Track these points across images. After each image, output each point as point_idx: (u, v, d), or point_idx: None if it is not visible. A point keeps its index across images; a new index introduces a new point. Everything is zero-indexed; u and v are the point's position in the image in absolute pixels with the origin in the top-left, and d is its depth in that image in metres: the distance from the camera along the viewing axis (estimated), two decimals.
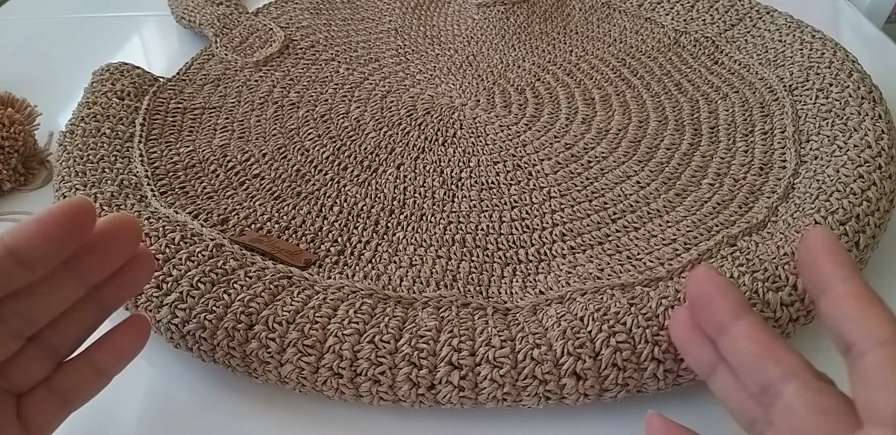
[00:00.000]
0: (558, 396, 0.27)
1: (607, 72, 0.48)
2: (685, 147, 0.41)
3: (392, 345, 0.27)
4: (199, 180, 0.39)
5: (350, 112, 0.45)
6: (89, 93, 0.43)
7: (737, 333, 0.22)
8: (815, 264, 0.23)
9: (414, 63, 0.50)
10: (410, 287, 0.32)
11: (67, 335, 0.25)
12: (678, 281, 0.30)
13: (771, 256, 0.30)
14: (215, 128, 0.43)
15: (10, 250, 0.21)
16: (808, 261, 0.23)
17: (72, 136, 0.39)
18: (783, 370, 0.21)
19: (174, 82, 0.46)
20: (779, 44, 0.46)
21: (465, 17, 0.56)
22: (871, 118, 0.37)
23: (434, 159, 0.41)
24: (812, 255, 0.23)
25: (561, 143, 0.41)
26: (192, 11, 0.54)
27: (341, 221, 0.36)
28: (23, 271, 0.21)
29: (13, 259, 0.21)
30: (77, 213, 0.22)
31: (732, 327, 0.23)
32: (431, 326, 0.28)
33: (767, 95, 0.43)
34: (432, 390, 0.27)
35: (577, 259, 0.34)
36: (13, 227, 0.21)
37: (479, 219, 0.36)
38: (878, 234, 0.32)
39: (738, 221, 0.35)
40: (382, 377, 0.27)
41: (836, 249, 0.22)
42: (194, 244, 0.32)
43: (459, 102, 0.46)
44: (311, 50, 0.51)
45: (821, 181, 0.34)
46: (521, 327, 0.28)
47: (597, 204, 0.37)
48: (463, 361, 0.26)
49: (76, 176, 0.36)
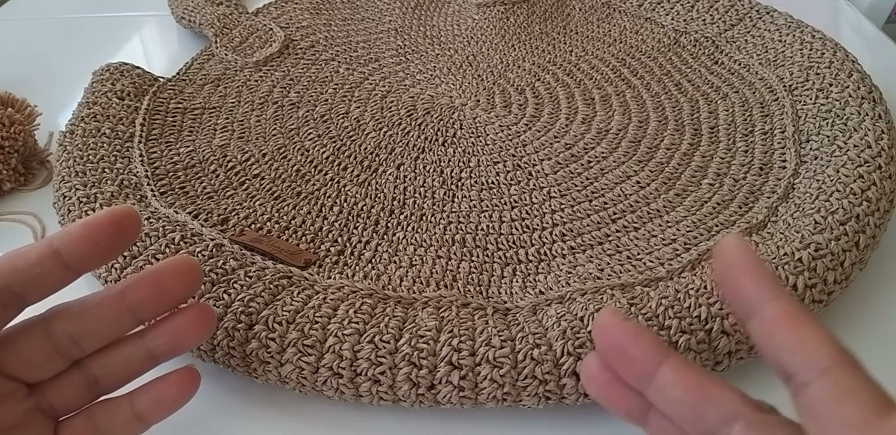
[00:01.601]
0: (558, 397, 0.27)
1: (607, 72, 0.48)
2: (685, 147, 0.41)
3: (392, 345, 0.27)
4: (199, 180, 0.39)
5: (350, 112, 0.45)
6: (89, 93, 0.43)
7: (663, 383, 0.20)
8: (736, 284, 0.20)
9: (414, 63, 0.50)
10: (410, 287, 0.32)
11: (112, 370, 0.25)
12: (678, 281, 0.30)
13: (771, 256, 0.30)
14: (215, 128, 0.43)
15: (56, 251, 0.22)
16: (727, 280, 0.20)
17: (72, 136, 0.39)
18: (722, 413, 0.19)
19: (174, 82, 0.46)
20: (779, 44, 0.46)
21: (465, 17, 0.56)
22: (871, 118, 0.37)
23: (434, 159, 0.41)
24: (730, 272, 0.20)
25: (561, 143, 0.41)
26: (192, 11, 0.54)
27: (341, 221, 0.36)
28: (67, 273, 0.22)
29: (58, 260, 0.22)
30: (122, 220, 0.23)
31: (656, 376, 0.20)
32: (431, 326, 0.28)
33: (767, 95, 0.43)
34: (432, 390, 0.27)
35: (577, 259, 0.34)
36: (63, 229, 0.22)
37: (479, 219, 0.36)
38: (878, 234, 0.32)
39: (738, 221, 0.35)
40: (382, 377, 0.27)
41: (754, 264, 0.20)
42: (194, 244, 0.32)
43: (459, 102, 0.46)
44: (311, 50, 0.51)
45: (821, 181, 0.34)
46: (521, 327, 0.28)
47: (597, 204, 0.37)
48: (463, 361, 0.26)
49: (76, 176, 0.36)
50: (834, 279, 0.30)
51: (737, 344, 0.27)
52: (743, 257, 0.20)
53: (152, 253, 0.31)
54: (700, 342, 0.27)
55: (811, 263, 0.29)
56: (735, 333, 0.27)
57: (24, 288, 0.22)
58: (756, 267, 0.20)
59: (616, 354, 0.21)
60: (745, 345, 0.28)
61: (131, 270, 0.31)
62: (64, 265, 0.22)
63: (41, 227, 0.38)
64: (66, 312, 0.24)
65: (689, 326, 0.27)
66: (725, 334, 0.27)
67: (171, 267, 0.24)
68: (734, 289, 0.20)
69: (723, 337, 0.27)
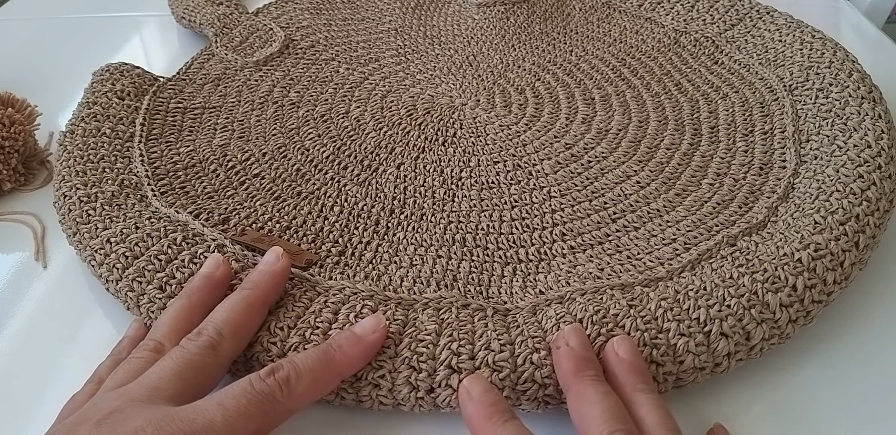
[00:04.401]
0: (557, 401, 0.27)
1: (607, 72, 0.48)
2: (685, 147, 0.41)
3: (392, 349, 0.27)
4: (200, 180, 0.39)
5: (350, 112, 0.45)
6: (89, 93, 0.43)
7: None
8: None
9: (414, 63, 0.50)
10: (411, 287, 0.32)
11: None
12: (678, 281, 0.30)
13: (770, 257, 0.30)
14: (215, 127, 0.43)
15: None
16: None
17: (72, 136, 0.39)
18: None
19: (174, 82, 0.46)
20: (779, 44, 0.46)
21: (465, 17, 0.56)
22: (871, 118, 0.37)
23: (434, 159, 0.41)
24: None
25: (561, 143, 0.41)
26: (192, 11, 0.54)
27: (342, 221, 0.36)
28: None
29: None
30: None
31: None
32: (431, 329, 0.28)
33: (767, 95, 0.43)
34: (431, 394, 0.27)
35: (577, 259, 0.34)
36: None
37: (480, 218, 0.36)
38: (878, 234, 0.32)
39: (738, 221, 0.35)
40: (382, 381, 0.27)
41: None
42: (196, 245, 0.32)
43: (459, 102, 0.46)
44: (311, 50, 0.51)
45: (821, 181, 0.34)
46: (521, 330, 0.28)
47: (597, 204, 0.37)
48: (462, 364, 0.26)
49: (76, 176, 0.36)
50: (834, 279, 0.30)
51: (736, 345, 0.27)
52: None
53: (154, 254, 0.31)
54: (699, 345, 0.27)
55: (811, 263, 0.29)
56: (734, 334, 0.27)
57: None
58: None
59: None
60: (745, 346, 0.28)
61: (133, 271, 0.31)
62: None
63: (41, 227, 0.38)
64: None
65: (687, 329, 0.27)
66: (724, 336, 0.27)
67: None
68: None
69: (721, 339, 0.27)
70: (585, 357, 0.26)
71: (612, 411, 0.24)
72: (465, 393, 0.26)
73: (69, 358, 0.31)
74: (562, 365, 0.26)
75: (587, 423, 0.24)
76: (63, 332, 0.33)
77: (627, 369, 0.26)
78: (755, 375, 0.29)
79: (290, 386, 0.25)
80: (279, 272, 0.30)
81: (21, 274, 0.36)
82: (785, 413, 0.28)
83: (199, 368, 0.25)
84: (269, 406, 0.24)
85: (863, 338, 0.31)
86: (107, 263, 0.32)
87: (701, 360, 0.27)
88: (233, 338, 0.27)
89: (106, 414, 0.23)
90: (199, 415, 0.23)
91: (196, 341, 0.26)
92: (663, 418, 0.24)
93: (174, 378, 0.25)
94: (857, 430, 0.28)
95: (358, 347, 0.27)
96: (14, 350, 0.32)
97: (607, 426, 0.23)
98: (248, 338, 0.28)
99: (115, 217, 0.34)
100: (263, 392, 0.24)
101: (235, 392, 0.24)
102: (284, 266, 0.30)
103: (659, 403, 0.25)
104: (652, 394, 0.25)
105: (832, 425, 0.28)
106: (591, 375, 0.25)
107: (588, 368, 0.26)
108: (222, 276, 0.30)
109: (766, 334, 0.28)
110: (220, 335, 0.26)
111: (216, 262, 0.30)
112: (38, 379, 0.31)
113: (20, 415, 0.29)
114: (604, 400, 0.24)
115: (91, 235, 0.33)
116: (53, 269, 0.36)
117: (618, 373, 0.26)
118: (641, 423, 0.24)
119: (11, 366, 0.31)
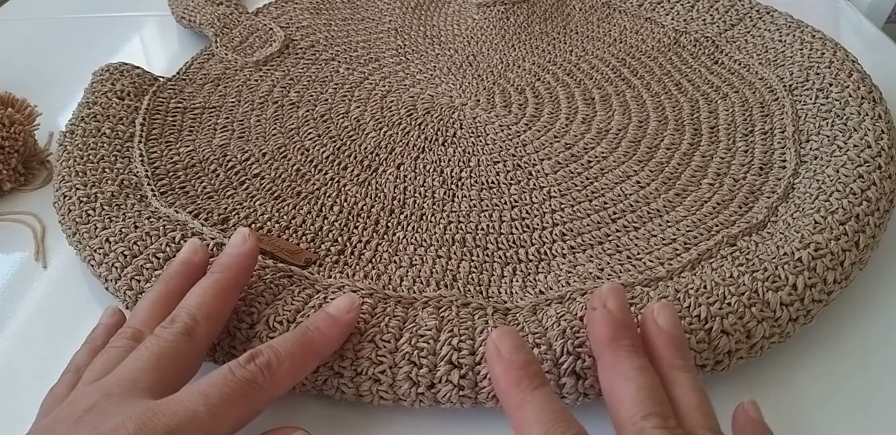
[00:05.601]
0: (558, 396, 0.27)
1: (607, 72, 0.48)
2: (685, 147, 0.41)
3: (392, 344, 0.27)
4: (199, 180, 0.39)
5: (350, 112, 0.45)
6: (89, 93, 0.43)
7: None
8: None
9: (414, 63, 0.50)
10: (410, 287, 0.32)
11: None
12: (678, 281, 0.30)
13: (771, 256, 0.30)
14: (215, 127, 0.43)
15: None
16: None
17: (72, 136, 0.39)
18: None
19: (174, 82, 0.46)
20: (779, 44, 0.46)
21: (465, 17, 0.56)
22: (871, 118, 0.37)
23: (434, 159, 0.41)
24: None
25: (561, 143, 0.41)
26: (192, 11, 0.54)
27: (341, 221, 0.36)
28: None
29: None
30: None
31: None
32: (431, 325, 0.28)
33: (767, 95, 0.44)
34: (432, 389, 0.27)
35: (577, 259, 0.34)
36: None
37: (479, 218, 0.36)
38: (878, 234, 0.32)
39: (737, 221, 0.35)
40: (382, 376, 0.27)
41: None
42: None
43: (459, 102, 0.46)
44: (311, 50, 0.51)
45: (821, 181, 0.34)
46: (521, 327, 0.28)
47: (597, 204, 0.37)
48: (463, 359, 0.27)
49: (76, 176, 0.36)
50: (834, 279, 0.30)
51: (737, 343, 0.28)
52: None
53: (152, 252, 0.31)
54: (700, 342, 0.27)
55: (811, 262, 0.30)
56: (735, 332, 0.27)
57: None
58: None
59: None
60: (745, 344, 0.28)
61: (131, 270, 0.31)
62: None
63: (41, 227, 0.38)
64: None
65: (689, 326, 0.27)
66: (725, 334, 0.27)
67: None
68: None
69: (723, 336, 0.27)
70: (623, 323, 0.24)
71: (648, 391, 0.22)
72: (493, 349, 0.24)
73: (69, 358, 0.31)
74: (596, 329, 0.24)
75: (619, 401, 0.22)
76: (63, 332, 0.33)
77: (666, 342, 0.24)
78: (755, 374, 0.29)
79: (272, 370, 0.24)
80: (247, 253, 0.29)
81: (21, 274, 0.36)
82: (785, 413, 0.28)
83: (176, 356, 0.25)
84: (251, 392, 0.23)
85: (863, 337, 0.31)
86: (106, 262, 0.32)
87: (702, 357, 0.27)
88: (207, 323, 0.26)
89: (84, 410, 0.23)
90: (180, 407, 0.22)
91: (170, 329, 0.25)
92: (701, 402, 0.23)
93: (151, 369, 0.24)
94: (857, 429, 0.28)
95: (336, 328, 0.26)
96: (14, 350, 0.32)
97: (642, 408, 0.21)
98: (223, 322, 0.28)
99: (115, 217, 0.34)
100: (245, 379, 0.24)
101: (216, 380, 0.23)
102: (252, 247, 0.29)
103: (696, 384, 0.23)
104: (690, 372, 0.24)
105: (832, 425, 0.28)
106: (628, 345, 0.24)
107: (624, 337, 0.24)
108: (200, 261, 0.29)
109: (767, 333, 0.28)
110: (194, 321, 0.26)
111: (194, 247, 0.30)
112: (38, 379, 0.30)
113: (20, 415, 0.29)
114: (639, 376, 0.23)
115: (90, 234, 0.33)
116: (53, 269, 0.36)
117: (656, 345, 0.24)
118: (677, 403, 0.22)
119: (11, 366, 0.31)
